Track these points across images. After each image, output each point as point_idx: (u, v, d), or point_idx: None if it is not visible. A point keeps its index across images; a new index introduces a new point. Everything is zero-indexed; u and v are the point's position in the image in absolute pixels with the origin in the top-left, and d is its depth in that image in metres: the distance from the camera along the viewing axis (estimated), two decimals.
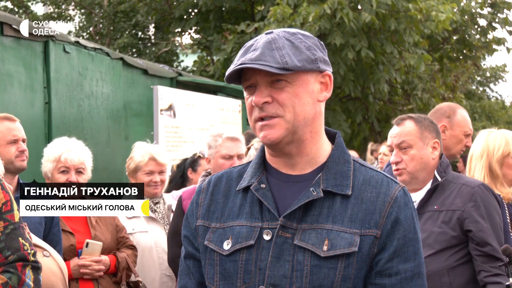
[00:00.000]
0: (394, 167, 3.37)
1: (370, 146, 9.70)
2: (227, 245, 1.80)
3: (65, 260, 3.82)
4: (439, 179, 3.28)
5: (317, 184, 1.79)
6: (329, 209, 1.78)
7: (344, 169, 1.83)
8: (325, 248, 1.74)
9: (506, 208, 3.49)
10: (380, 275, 1.76)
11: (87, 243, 3.92)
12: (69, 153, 4.03)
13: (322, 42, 1.89)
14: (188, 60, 16.08)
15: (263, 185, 1.83)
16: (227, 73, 1.81)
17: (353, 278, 1.74)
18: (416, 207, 3.29)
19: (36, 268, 2.49)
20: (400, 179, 3.37)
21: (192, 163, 5.70)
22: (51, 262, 3.05)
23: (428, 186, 3.33)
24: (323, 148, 1.86)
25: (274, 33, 1.81)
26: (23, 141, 3.84)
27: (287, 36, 1.81)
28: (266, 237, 1.77)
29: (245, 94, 1.85)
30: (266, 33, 1.84)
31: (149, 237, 4.38)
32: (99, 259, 3.93)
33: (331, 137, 1.91)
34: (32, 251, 2.50)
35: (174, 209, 4.75)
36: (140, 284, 4.15)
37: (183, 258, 1.94)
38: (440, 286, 3.14)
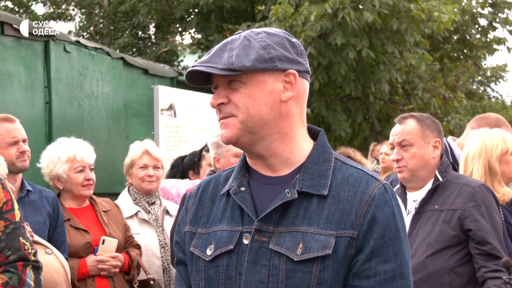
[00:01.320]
0: (395, 164, 3.40)
1: (371, 146, 9.68)
2: (209, 251, 1.79)
3: (81, 257, 3.89)
4: (440, 179, 3.30)
5: (293, 185, 1.76)
6: (305, 210, 1.74)
7: (322, 168, 1.78)
8: (299, 251, 1.70)
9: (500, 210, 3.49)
10: (357, 277, 1.70)
11: (103, 240, 3.95)
12: (82, 151, 4.09)
13: (293, 40, 1.82)
14: (188, 60, 16.08)
15: (242, 188, 1.80)
16: (185, 76, 1.82)
17: (329, 281, 1.69)
18: (417, 206, 3.32)
19: (37, 267, 2.48)
20: (400, 177, 3.40)
21: (192, 165, 5.67)
22: (54, 260, 3.05)
23: (429, 185, 3.35)
24: (299, 148, 1.81)
25: (240, 34, 1.80)
26: (24, 141, 3.84)
27: (249, 36, 1.78)
28: (245, 241, 1.75)
29: None
30: (236, 34, 1.82)
31: (140, 239, 4.39)
32: (115, 255, 3.97)
33: (315, 135, 1.87)
34: (33, 251, 2.49)
35: (169, 210, 4.77)
36: (152, 283, 4.16)
37: (175, 263, 1.94)
38: (439, 286, 3.14)
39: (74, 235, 3.92)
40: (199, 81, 1.82)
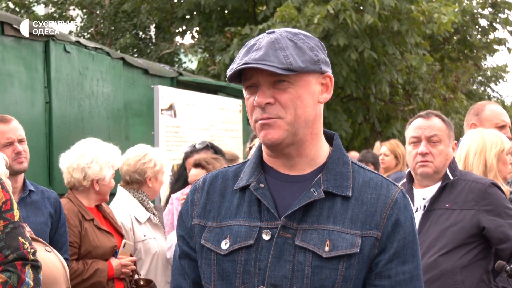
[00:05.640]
0: (420, 158, 3.35)
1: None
2: (225, 245, 1.79)
3: (106, 260, 3.94)
4: (451, 177, 3.31)
5: (318, 184, 1.79)
6: (329, 210, 1.77)
7: (343, 170, 1.82)
8: (326, 248, 1.73)
9: None
10: (379, 277, 1.76)
11: (124, 243, 4.01)
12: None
13: (323, 43, 1.87)
14: (189, 60, 16.05)
15: (261, 185, 1.81)
16: (229, 72, 1.78)
17: (354, 279, 1.73)
18: (426, 204, 3.32)
19: (36, 267, 2.48)
20: (423, 171, 3.36)
21: None
22: (54, 257, 3.06)
23: (438, 183, 3.35)
24: (322, 149, 1.85)
25: (277, 33, 1.80)
26: (20, 142, 3.74)
27: (290, 37, 1.79)
28: (266, 237, 1.76)
29: (245, 93, 1.83)
30: (268, 33, 1.82)
31: (156, 244, 4.41)
32: (134, 259, 4.06)
33: (328, 138, 1.90)
34: (32, 250, 2.49)
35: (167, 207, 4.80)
36: (142, 283, 4.17)
37: (178, 257, 1.93)
38: (452, 284, 3.15)
39: (101, 236, 3.94)
40: (235, 77, 1.81)
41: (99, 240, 3.90)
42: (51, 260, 3.02)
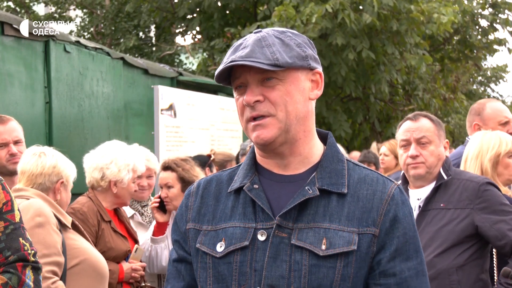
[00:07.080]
0: (410, 160, 3.37)
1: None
2: (220, 247, 1.78)
3: (117, 263, 3.97)
4: (445, 177, 3.31)
5: (312, 183, 1.77)
6: (325, 208, 1.76)
7: (338, 168, 1.81)
8: (323, 247, 1.71)
9: None
10: (384, 275, 1.75)
11: (136, 248, 4.03)
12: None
13: (311, 41, 1.87)
14: (190, 63, 16.05)
15: (256, 186, 1.80)
16: (216, 72, 1.78)
17: (352, 277, 1.72)
18: (421, 204, 3.33)
19: (36, 268, 2.48)
20: (415, 173, 3.37)
21: (209, 163, 5.71)
22: (101, 256, 3.26)
23: (432, 183, 3.36)
24: (316, 147, 1.84)
25: (263, 32, 1.80)
26: (16, 143, 3.73)
27: (277, 34, 1.79)
28: (261, 238, 1.75)
29: (235, 94, 1.82)
30: (255, 32, 1.82)
31: (140, 242, 4.40)
32: (144, 265, 4.08)
33: (322, 137, 1.89)
34: (33, 251, 2.49)
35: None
36: None
37: (173, 261, 1.91)
38: (449, 284, 3.15)
39: (116, 239, 3.96)
40: (221, 77, 1.80)
41: (114, 242, 3.92)
42: (101, 258, 3.21)
